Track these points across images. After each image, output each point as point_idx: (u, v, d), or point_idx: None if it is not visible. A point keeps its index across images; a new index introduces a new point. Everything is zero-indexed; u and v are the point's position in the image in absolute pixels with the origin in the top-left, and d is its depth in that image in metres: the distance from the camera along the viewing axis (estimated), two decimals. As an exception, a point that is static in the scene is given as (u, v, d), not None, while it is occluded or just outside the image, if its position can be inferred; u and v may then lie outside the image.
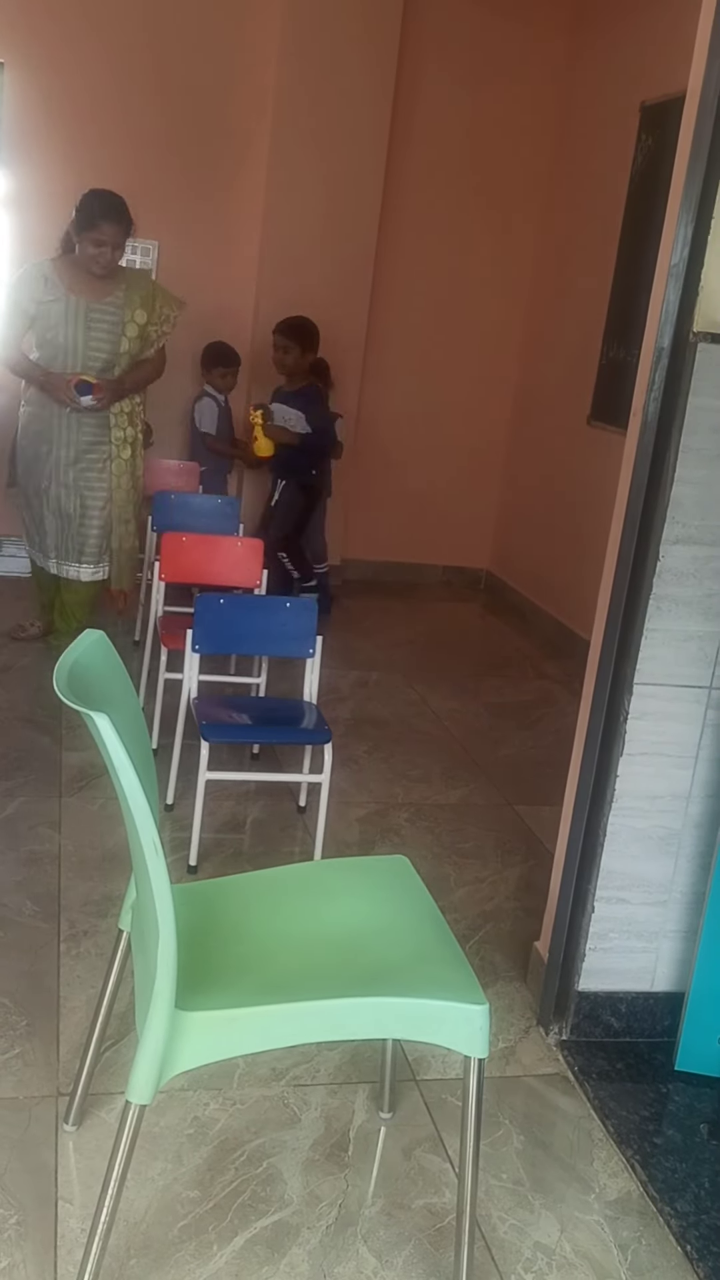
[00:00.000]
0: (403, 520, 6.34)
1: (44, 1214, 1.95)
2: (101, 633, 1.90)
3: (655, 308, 2.29)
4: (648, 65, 5.03)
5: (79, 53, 5.34)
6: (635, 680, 2.37)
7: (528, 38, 5.84)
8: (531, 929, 2.90)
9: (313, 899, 2.06)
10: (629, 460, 2.38)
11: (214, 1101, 2.25)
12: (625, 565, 2.37)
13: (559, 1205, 2.11)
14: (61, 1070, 2.28)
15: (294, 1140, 2.18)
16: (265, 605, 3.60)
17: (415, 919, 1.99)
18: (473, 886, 3.20)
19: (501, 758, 4.14)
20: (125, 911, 2.06)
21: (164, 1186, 2.04)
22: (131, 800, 1.60)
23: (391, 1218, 2.04)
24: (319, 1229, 1.99)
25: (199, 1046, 1.69)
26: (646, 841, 2.47)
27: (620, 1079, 2.44)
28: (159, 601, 3.95)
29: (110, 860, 3.07)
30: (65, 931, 2.75)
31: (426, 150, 5.85)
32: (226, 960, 1.86)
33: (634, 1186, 2.18)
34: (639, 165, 5.04)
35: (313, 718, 3.31)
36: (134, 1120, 1.69)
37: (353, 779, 3.77)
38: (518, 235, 6.11)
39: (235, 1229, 1.97)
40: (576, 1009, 2.54)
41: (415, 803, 3.69)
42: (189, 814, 3.13)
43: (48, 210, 5.47)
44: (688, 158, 2.20)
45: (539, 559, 5.97)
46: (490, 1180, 2.14)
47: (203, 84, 5.51)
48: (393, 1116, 2.28)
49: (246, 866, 3.15)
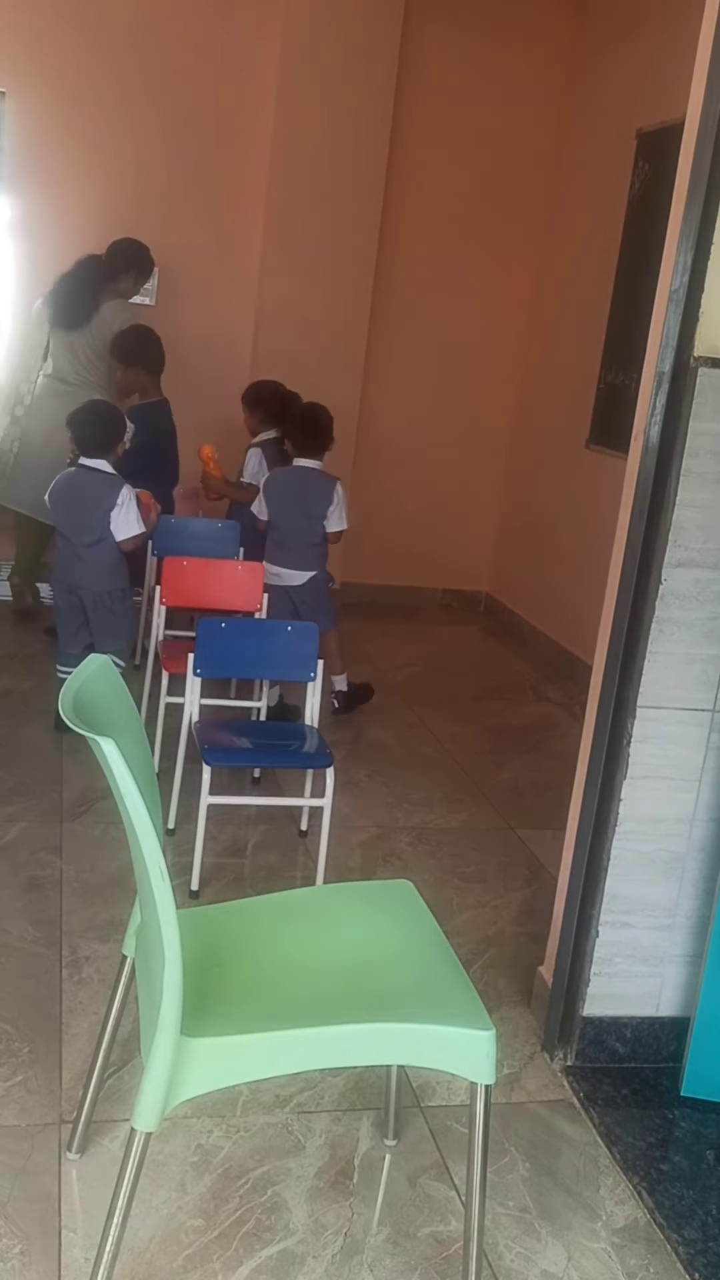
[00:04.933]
0: (402, 543, 6.34)
1: (48, 1243, 1.93)
2: (107, 658, 1.91)
3: (656, 333, 2.30)
4: (643, 92, 5.08)
5: (80, 81, 5.39)
6: (638, 703, 2.38)
7: (524, 65, 5.89)
8: (535, 954, 2.89)
9: (317, 924, 2.06)
10: (630, 484, 2.39)
11: (218, 1129, 2.24)
12: (627, 588, 2.38)
13: (566, 1233, 2.10)
14: (64, 1097, 2.27)
15: (298, 1168, 2.17)
16: (266, 629, 3.60)
17: (420, 944, 1.99)
18: (475, 911, 3.19)
19: (503, 781, 4.14)
20: (129, 937, 2.05)
21: (168, 1215, 2.02)
22: (138, 826, 1.60)
23: (398, 1246, 2.02)
24: (324, 1258, 1.98)
25: (205, 1073, 1.69)
26: (650, 865, 2.47)
27: (626, 1105, 2.43)
28: (160, 626, 3.95)
29: (112, 885, 3.06)
30: (67, 957, 2.73)
31: (424, 176, 5.90)
32: (231, 986, 1.85)
33: (641, 1214, 2.16)
34: (636, 191, 5.08)
35: (314, 741, 3.31)
36: (140, 1148, 1.68)
37: (354, 803, 3.76)
38: (515, 261, 6.15)
39: (240, 1258, 1.95)
40: (581, 1034, 2.52)
41: (417, 827, 3.68)
42: (190, 838, 3.12)
43: (50, 237, 5.53)
44: (687, 184, 2.22)
45: (538, 582, 5.98)
46: (496, 1208, 2.12)
47: (202, 112, 5.56)
48: (398, 1144, 2.26)
49: (249, 891, 3.14)
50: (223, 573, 3.96)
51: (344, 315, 5.77)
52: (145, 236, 5.28)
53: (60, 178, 5.49)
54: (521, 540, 6.26)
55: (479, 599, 6.64)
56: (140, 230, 5.46)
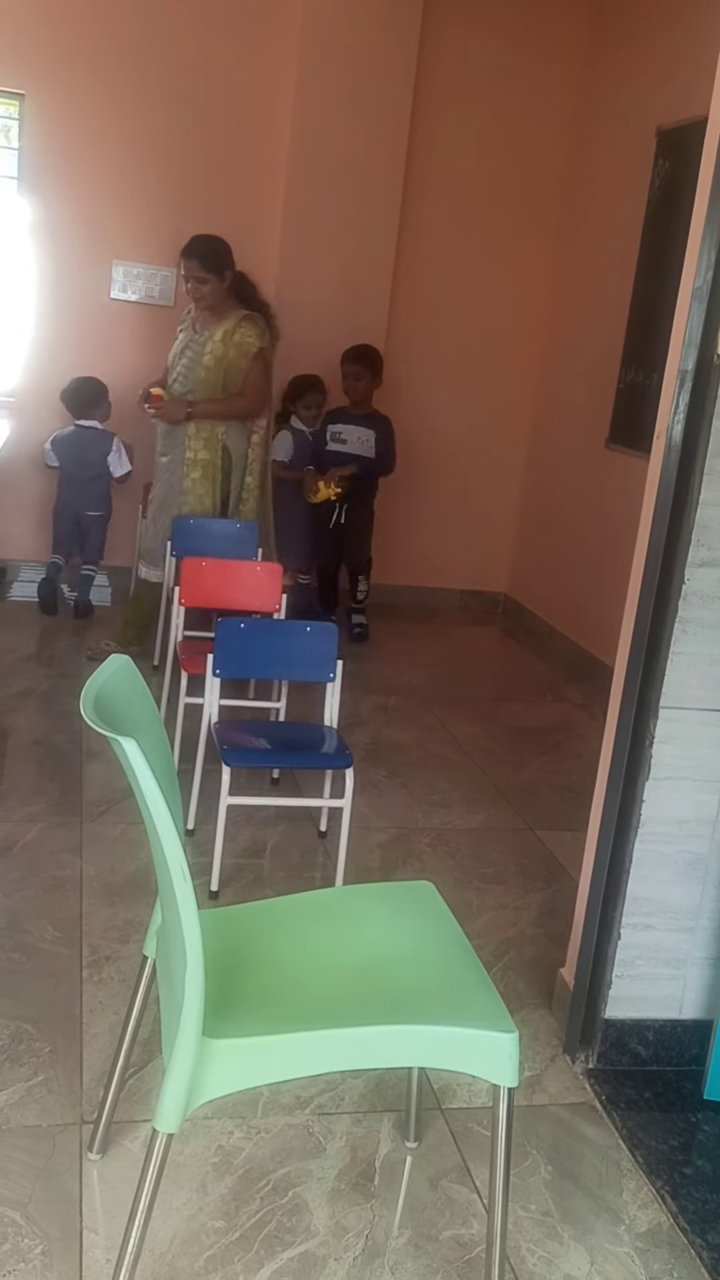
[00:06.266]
0: (420, 544, 6.34)
1: (69, 1244, 1.93)
2: (127, 658, 1.90)
3: (678, 331, 2.29)
4: (663, 90, 5.05)
5: (99, 83, 5.40)
6: (660, 704, 2.36)
7: (544, 63, 5.88)
8: (555, 956, 2.88)
9: (338, 925, 2.05)
10: (653, 483, 2.37)
11: (238, 1130, 2.23)
12: (650, 589, 2.36)
13: (589, 1237, 2.08)
14: (85, 1098, 2.27)
15: (319, 1170, 2.16)
16: (285, 629, 3.60)
17: (442, 945, 1.98)
18: (495, 912, 3.18)
19: (522, 782, 4.12)
20: (150, 938, 2.05)
21: (189, 1216, 2.02)
22: (159, 826, 1.59)
23: (419, 1249, 2.01)
24: (346, 1260, 1.97)
25: (227, 1074, 1.68)
26: (673, 867, 2.45)
27: (649, 1108, 2.41)
28: (179, 626, 3.95)
29: (131, 886, 3.06)
30: (87, 958, 2.74)
31: (443, 177, 5.89)
32: (253, 987, 1.84)
33: (664, 1218, 2.15)
34: (656, 190, 5.06)
35: (333, 742, 3.30)
36: (161, 1149, 1.68)
37: (373, 804, 3.75)
38: (534, 259, 6.13)
39: (262, 1260, 1.95)
40: (603, 1037, 2.51)
41: (436, 828, 3.67)
42: (209, 839, 3.12)
43: (69, 238, 5.54)
44: (710, 181, 2.20)
45: (558, 582, 5.96)
46: (518, 1211, 2.11)
47: (221, 114, 5.57)
48: (419, 1146, 2.25)
49: (268, 892, 3.13)
50: (241, 573, 3.96)
51: (362, 315, 5.76)
52: (161, 237, 5.29)
53: (79, 179, 5.51)
54: (540, 541, 6.24)
55: (498, 600, 6.63)
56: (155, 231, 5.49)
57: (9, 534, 5.74)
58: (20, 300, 5.62)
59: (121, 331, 5.68)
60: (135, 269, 5.64)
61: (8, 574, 5.79)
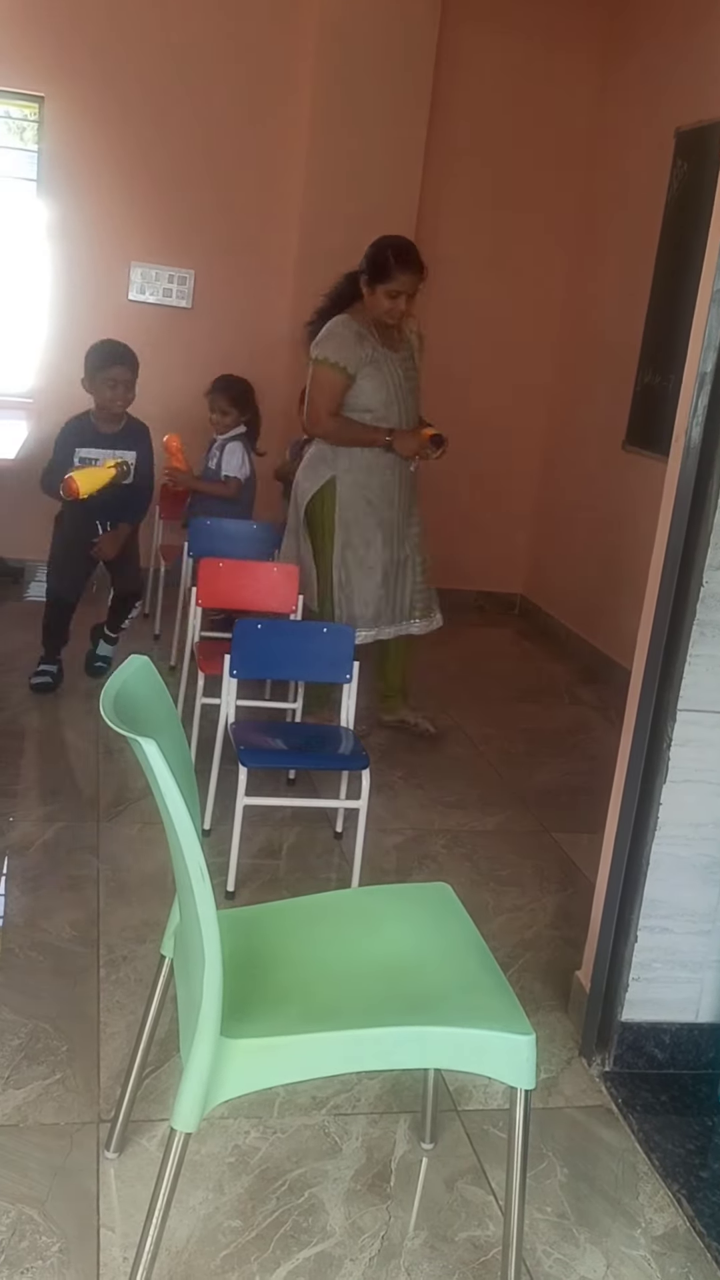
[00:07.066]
0: (435, 545, 6.27)
1: (86, 1242, 1.94)
2: (146, 658, 1.91)
3: (697, 333, 2.28)
4: (682, 91, 5.04)
5: (118, 86, 5.42)
6: (678, 707, 2.36)
7: (561, 64, 5.87)
8: (571, 958, 2.87)
9: (355, 926, 2.05)
10: (671, 486, 2.36)
11: (254, 1130, 2.24)
12: (667, 591, 2.36)
13: (605, 1240, 2.08)
14: (103, 1096, 2.28)
15: (335, 1170, 2.17)
16: (302, 630, 3.60)
17: (458, 947, 1.98)
18: (511, 914, 3.17)
19: (538, 784, 4.12)
20: (167, 937, 2.06)
21: (206, 1216, 2.02)
22: (178, 826, 1.60)
23: (435, 1250, 2.01)
24: (362, 1261, 1.97)
25: (244, 1074, 1.69)
26: (690, 870, 2.45)
27: (665, 1111, 2.41)
28: (195, 627, 3.96)
29: (148, 885, 3.07)
30: (105, 957, 2.75)
31: (460, 177, 5.89)
32: (270, 987, 1.85)
33: (681, 1221, 2.14)
34: (674, 191, 5.05)
35: (349, 743, 3.31)
36: (179, 1148, 1.68)
37: (388, 805, 3.75)
38: (551, 261, 6.12)
39: (278, 1260, 1.95)
40: (620, 1040, 2.51)
41: (452, 829, 3.67)
42: (226, 839, 3.13)
43: (87, 240, 5.57)
44: (730, 184, 2.20)
45: (574, 584, 5.95)
46: (534, 1213, 2.11)
47: (238, 115, 5.58)
48: (434, 1147, 2.26)
49: (284, 893, 3.14)
50: (258, 574, 3.96)
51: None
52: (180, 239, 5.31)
53: (98, 181, 5.53)
54: (556, 542, 6.23)
55: (513, 601, 6.62)
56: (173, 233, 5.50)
57: (26, 535, 5.75)
58: (38, 301, 5.65)
59: (139, 333, 5.68)
60: (153, 271, 5.66)
61: (25, 574, 5.82)
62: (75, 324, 5.62)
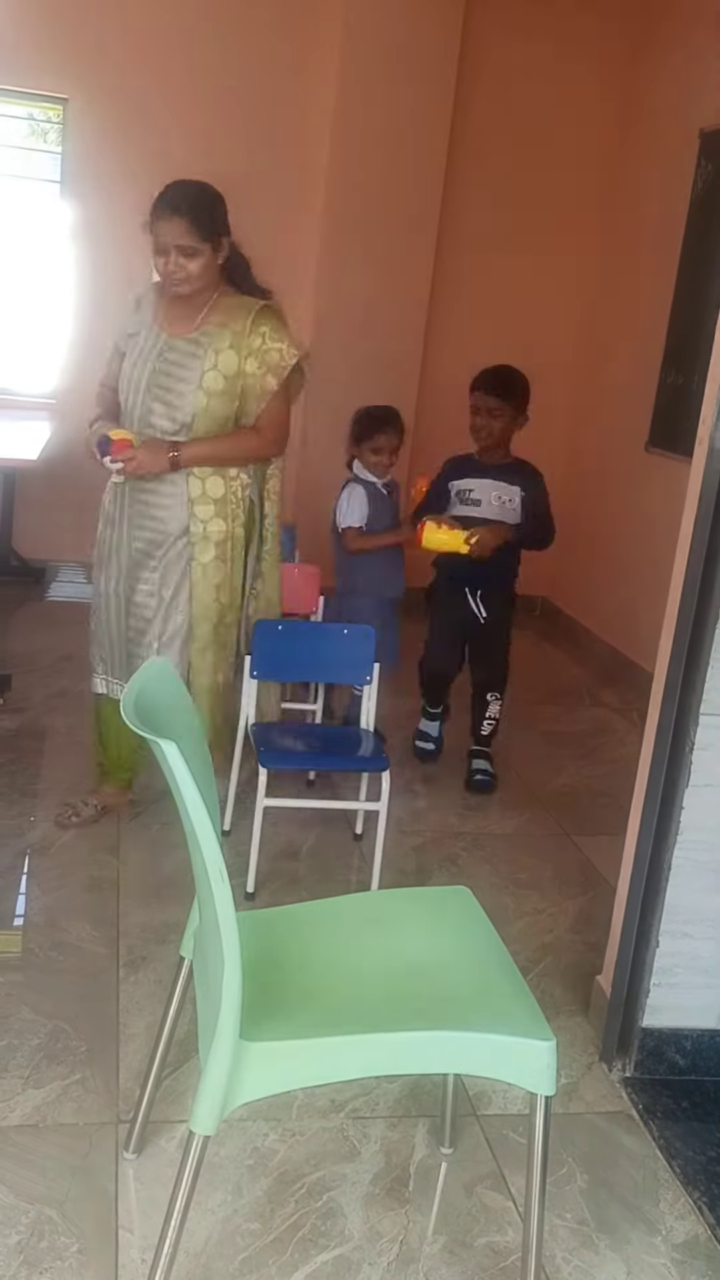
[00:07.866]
0: (457, 547, 6.31)
1: (104, 1243, 1.94)
2: (166, 661, 1.91)
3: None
4: (706, 92, 5.01)
5: (140, 88, 5.44)
6: (701, 710, 2.34)
7: (586, 64, 5.85)
8: (592, 963, 2.86)
9: (375, 929, 2.05)
10: (695, 488, 2.35)
11: (273, 1132, 2.24)
12: (691, 594, 2.34)
13: (625, 1247, 2.07)
14: (122, 1097, 2.28)
15: (354, 1174, 2.16)
16: (322, 632, 3.60)
17: (479, 951, 1.97)
18: (531, 918, 3.16)
19: (558, 787, 4.10)
20: (187, 939, 2.06)
21: (224, 1218, 2.02)
22: (198, 828, 1.60)
23: (454, 1255, 2.01)
24: (380, 1265, 1.97)
25: (263, 1077, 1.68)
26: (712, 875, 2.43)
27: (686, 1118, 2.39)
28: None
29: (168, 886, 3.07)
30: (124, 957, 2.75)
31: (483, 178, 5.87)
32: (290, 990, 1.85)
33: (702, 1229, 2.12)
34: (698, 192, 5.02)
35: (370, 745, 3.30)
36: (197, 1151, 1.68)
37: (408, 807, 3.75)
38: (575, 260, 6.10)
39: (296, 1263, 1.95)
40: (640, 1045, 2.49)
41: (472, 832, 3.66)
42: (245, 840, 3.13)
43: (111, 242, 5.57)
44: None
45: (595, 586, 5.92)
46: (554, 1220, 2.10)
47: (261, 121, 5.58)
48: (454, 1152, 2.25)
49: (304, 894, 3.14)
50: (279, 576, 3.96)
51: (401, 320, 5.76)
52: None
53: (121, 183, 5.53)
54: (579, 544, 6.19)
55: (535, 603, 6.59)
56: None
57: (49, 536, 5.78)
58: (61, 303, 5.67)
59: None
60: (175, 272, 5.66)
61: (46, 575, 5.84)
62: (97, 325, 5.60)
